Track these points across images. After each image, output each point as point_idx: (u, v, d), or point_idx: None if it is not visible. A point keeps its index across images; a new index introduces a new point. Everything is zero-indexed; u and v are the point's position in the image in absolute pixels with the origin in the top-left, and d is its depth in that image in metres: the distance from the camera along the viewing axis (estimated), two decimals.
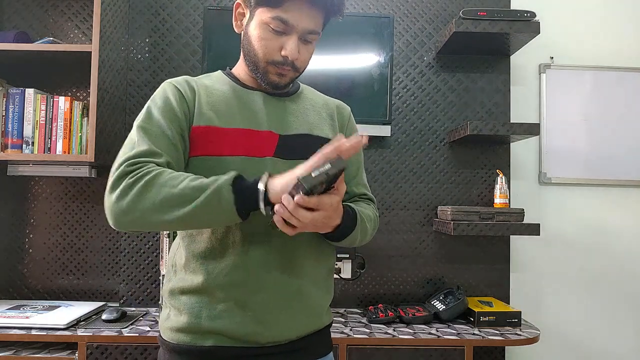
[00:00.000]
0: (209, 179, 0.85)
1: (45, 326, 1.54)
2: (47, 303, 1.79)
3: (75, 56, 1.72)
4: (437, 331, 1.63)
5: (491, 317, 1.70)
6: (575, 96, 2.08)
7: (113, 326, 1.59)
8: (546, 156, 2.06)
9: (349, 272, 1.89)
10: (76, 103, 1.74)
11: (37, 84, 1.92)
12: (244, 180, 0.86)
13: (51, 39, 1.75)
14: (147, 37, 1.97)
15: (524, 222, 1.79)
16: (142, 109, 0.98)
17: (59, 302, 1.81)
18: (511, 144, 2.04)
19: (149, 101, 0.98)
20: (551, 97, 2.08)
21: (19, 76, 1.90)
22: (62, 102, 1.72)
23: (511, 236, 2.02)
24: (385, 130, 1.90)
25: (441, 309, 1.75)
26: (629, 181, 2.07)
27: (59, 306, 1.75)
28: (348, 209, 0.98)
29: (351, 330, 1.63)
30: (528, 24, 1.76)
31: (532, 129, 1.74)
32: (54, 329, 1.53)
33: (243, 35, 1.02)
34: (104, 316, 1.65)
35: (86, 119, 1.75)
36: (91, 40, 1.72)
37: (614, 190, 2.08)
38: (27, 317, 1.58)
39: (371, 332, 1.60)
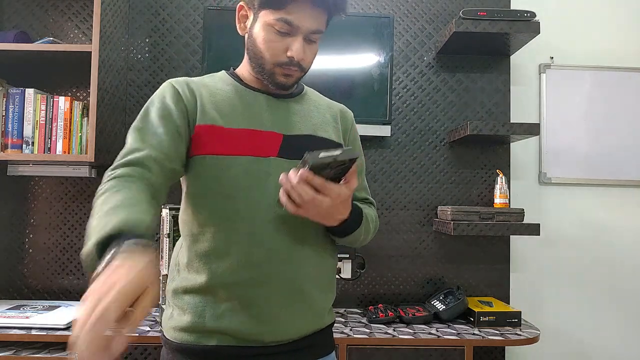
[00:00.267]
0: (98, 224, 0.72)
1: (45, 326, 1.54)
2: (47, 303, 1.79)
3: (75, 56, 1.72)
4: (437, 331, 1.63)
5: (491, 317, 1.70)
6: (575, 96, 2.08)
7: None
8: (546, 156, 2.06)
9: (349, 272, 1.89)
10: (76, 103, 1.74)
11: (37, 84, 1.92)
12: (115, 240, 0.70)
13: (51, 39, 1.75)
14: (147, 37, 1.97)
15: (524, 222, 1.79)
16: (142, 109, 0.99)
17: (59, 302, 1.81)
18: (511, 144, 2.04)
19: (148, 101, 1.00)
20: (551, 97, 2.08)
21: (19, 76, 1.90)
22: (62, 102, 1.72)
23: (511, 236, 2.02)
24: (385, 130, 1.90)
25: (441, 309, 1.75)
26: (629, 181, 2.07)
27: (59, 306, 1.75)
28: (355, 206, 0.99)
29: (351, 330, 1.63)
30: (528, 24, 1.76)
31: (532, 129, 1.74)
32: (54, 329, 1.53)
33: (247, 38, 1.02)
34: None
35: (86, 119, 1.75)
36: (91, 40, 1.72)
37: (614, 190, 2.08)
38: (27, 317, 1.58)
39: (371, 332, 1.60)
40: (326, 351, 1.06)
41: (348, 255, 1.86)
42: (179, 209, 1.15)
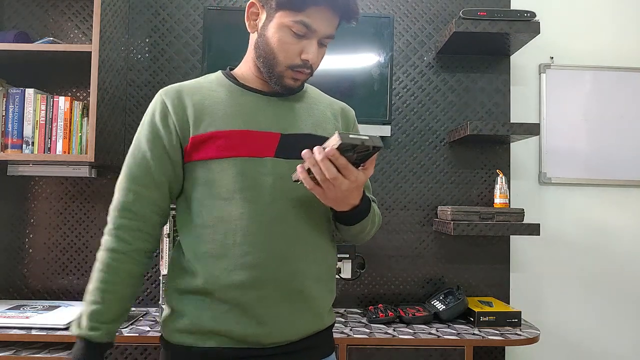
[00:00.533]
0: (85, 313, 1.05)
1: (45, 326, 1.54)
2: (47, 303, 1.79)
3: (75, 56, 1.72)
4: (437, 331, 1.63)
5: (491, 317, 1.70)
6: (575, 96, 2.08)
7: None
8: (546, 156, 2.06)
9: (349, 272, 1.89)
10: (76, 103, 1.74)
11: (37, 84, 1.92)
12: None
13: (51, 39, 1.75)
14: (147, 37, 1.97)
15: (524, 222, 1.79)
16: (142, 109, 1.01)
17: (59, 302, 1.81)
18: (511, 144, 2.04)
19: (143, 119, 1.03)
20: (551, 97, 2.08)
21: (19, 76, 1.90)
22: (62, 102, 1.72)
23: (511, 236, 2.02)
24: (385, 130, 1.90)
25: (441, 309, 1.75)
26: (629, 181, 2.07)
27: (59, 306, 1.75)
28: (365, 195, 0.98)
29: (351, 330, 1.63)
30: (528, 24, 1.76)
31: (532, 129, 1.74)
32: (54, 329, 1.53)
33: (258, 36, 1.00)
34: None
35: (86, 119, 1.75)
36: (91, 40, 1.72)
37: (614, 190, 2.08)
38: (27, 317, 1.58)
39: (371, 332, 1.60)
40: (326, 352, 1.06)
41: (348, 255, 1.86)
42: None
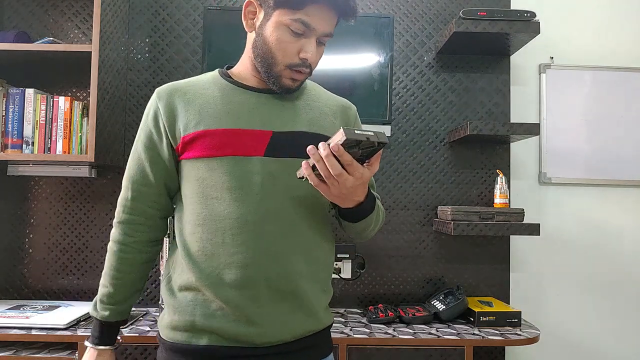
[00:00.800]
0: (98, 295, 1.08)
1: (45, 326, 1.54)
2: (47, 303, 1.79)
3: (75, 56, 1.72)
4: (437, 331, 1.63)
5: (491, 317, 1.70)
6: (575, 96, 2.08)
7: None
8: (546, 156, 2.06)
9: (349, 272, 1.89)
10: (76, 103, 1.74)
11: (37, 84, 1.92)
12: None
13: (51, 39, 1.75)
14: (147, 37, 1.97)
15: (524, 222, 1.79)
16: (142, 109, 1.04)
17: (59, 302, 1.81)
18: (511, 144, 2.04)
19: (141, 123, 1.06)
20: (551, 97, 2.08)
21: (19, 76, 1.90)
22: (62, 102, 1.72)
23: (511, 236, 2.02)
24: (385, 130, 1.90)
25: (441, 309, 1.75)
26: (629, 181, 2.07)
27: (59, 306, 1.75)
28: (369, 191, 0.97)
29: (351, 330, 1.63)
30: (528, 24, 1.76)
31: (532, 129, 1.74)
32: (54, 329, 1.53)
33: (256, 35, 1.00)
34: None
35: (86, 119, 1.75)
36: (91, 40, 1.72)
37: (614, 191, 2.08)
38: (27, 317, 1.58)
39: (371, 332, 1.60)
40: (322, 353, 1.05)
41: (348, 255, 1.86)
42: None
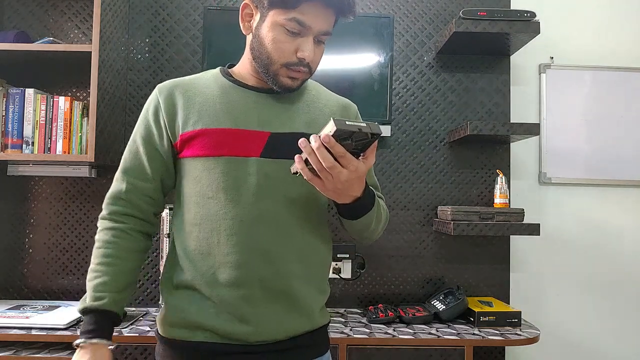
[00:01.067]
0: (89, 288, 0.99)
1: (45, 326, 1.54)
2: (47, 303, 1.79)
3: (75, 56, 1.72)
4: (437, 331, 1.63)
5: (491, 317, 1.70)
6: (575, 96, 2.08)
7: None
8: (546, 156, 2.06)
9: (349, 272, 1.89)
10: (76, 103, 1.74)
11: (37, 84, 1.92)
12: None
13: (51, 39, 1.75)
14: (147, 37, 1.97)
15: (524, 222, 1.79)
16: (142, 109, 1.03)
17: (59, 302, 1.81)
18: (511, 144, 2.04)
19: (140, 117, 1.05)
20: (551, 97, 2.08)
21: (19, 76, 1.90)
22: (62, 102, 1.72)
23: (511, 236, 2.02)
24: (385, 130, 1.90)
25: (441, 309, 1.75)
26: (629, 181, 2.07)
27: (59, 306, 1.75)
28: (368, 188, 0.96)
29: (351, 330, 1.63)
30: (528, 24, 1.76)
31: (532, 129, 1.74)
32: (54, 329, 1.53)
33: (252, 37, 0.99)
34: None
35: (86, 119, 1.75)
36: (91, 40, 1.72)
37: (614, 190, 2.08)
38: (27, 317, 1.58)
39: (371, 332, 1.60)
40: (318, 353, 1.04)
41: (348, 255, 1.86)
42: None
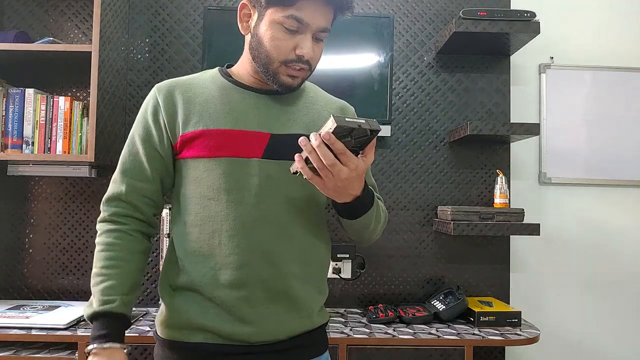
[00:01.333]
0: (95, 293, 0.96)
1: (45, 326, 1.54)
2: (47, 303, 1.79)
3: (75, 56, 1.72)
4: (437, 331, 1.63)
5: (491, 317, 1.70)
6: (575, 96, 2.08)
7: None
8: (546, 156, 2.06)
9: (349, 272, 1.89)
10: (76, 103, 1.74)
11: (37, 84, 1.92)
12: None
13: (51, 39, 1.75)
14: (147, 37, 1.97)
15: (524, 222, 1.79)
16: (136, 117, 1.05)
17: (59, 302, 1.81)
18: (511, 144, 2.04)
19: (138, 114, 1.04)
20: (551, 97, 2.08)
21: (19, 76, 1.90)
22: (62, 102, 1.72)
23: (511, 236, 2.02)
24: (385, 130, 1.90)
25: (441, 309, 1.75)
26: (629, 181, 2.07)
27: (59, 306, 1.75)
28: (367, 187, 0.95)
29: (351, 330, 1.63)
30: (528, 24, 1.76)
31: (532, 129, 1.74)
32: (54, 329, 1.53)
33: (251, 37, 0.99)
34: None
35: (86, 119, 1.75)
36: (91, 40, 1.72)
37: (614, 191, 2.08)
38: (27, 317, 1.58)
39: (371, 332, 1.60)
40: (317, 352, 1.05)
41: (348, 255, 1.86)
42: None
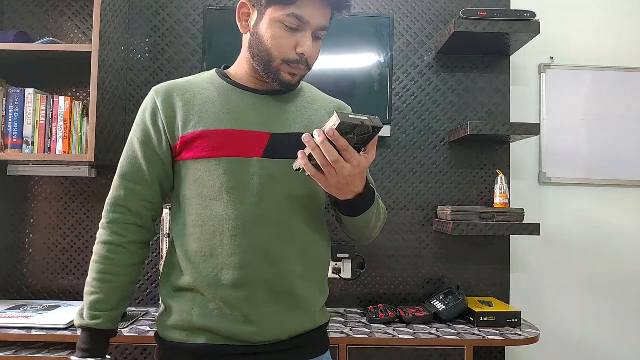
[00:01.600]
0: (86, 303, 1.00)
1: (45, 326, 1.54)
2: (47, 303, 1.79)
3: (75, 56, 1.72)
4: (437, 331, 1.63)
5: (491, 317, 1.70)
6: (575, 96, 2.08)
7: None
8: (546, 156, 2.06)
9: (349, 272, 1.89)
10: (76, 103, 1.74)
11: (37, 84, 1.92)
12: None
13: (51, 39, 1.75)
14: (147, 37, 1.97)
15: (524, 222, 1.79)
16: (135, 120, 1.05)
17: (59, 302, 1.81)
18: (511, 144, 2.04)
19: (137, 117, 1.04)
20: (551, 97, 2.08)
21: (19, 76, 1.90)
22: (62, 102, 1.72)
23: (511, 236, 2.02)
24: (385, 130, 1.90)
25: (441, 309, 1.75)
26: (629, 181, 2.07)
27: (59, 306, 1.75)
28: (368, 184, 0.96)
29: (351, 330, 1.63)
30: (528, 24, 1.76)
31: (532, 129, 1.74)
32: (54, 329, 1.53)
33: (251, 36, 0.99)
34: None
35: (86, 119, 1.75)
36: (91, 40, 1.72)
37: (614, 190, 2.08)
38: (27, 317, 1.58)
39: (371, 332, 1.60)
40: (319, 352, 1.05)
41: (348, 255, 1.86)
42: None
